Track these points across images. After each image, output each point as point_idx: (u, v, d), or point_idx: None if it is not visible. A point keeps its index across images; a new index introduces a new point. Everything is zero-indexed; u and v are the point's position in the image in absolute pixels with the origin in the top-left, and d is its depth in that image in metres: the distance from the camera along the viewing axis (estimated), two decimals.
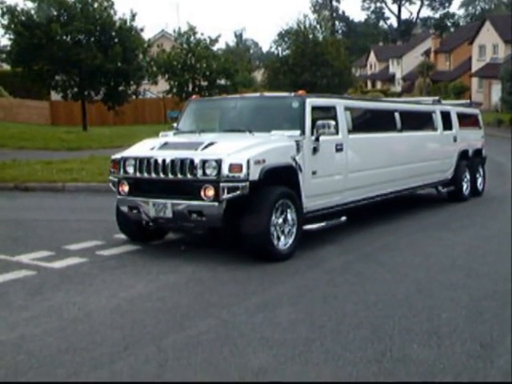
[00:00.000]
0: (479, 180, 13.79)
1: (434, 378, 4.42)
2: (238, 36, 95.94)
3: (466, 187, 13.13)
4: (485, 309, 5.93)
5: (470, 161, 13.43)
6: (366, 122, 10.43)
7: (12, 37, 29.84)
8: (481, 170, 13.90)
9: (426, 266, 7.63)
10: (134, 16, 31.61)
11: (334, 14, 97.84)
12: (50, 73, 31.04)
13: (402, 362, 4.69)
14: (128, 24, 31.36)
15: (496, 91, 46.71)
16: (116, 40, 30.80)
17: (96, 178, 14.59)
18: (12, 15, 29.40)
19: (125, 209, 8.46)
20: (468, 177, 13.23)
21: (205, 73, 37.70)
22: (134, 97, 33.97)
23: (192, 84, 37.84)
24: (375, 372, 4.52)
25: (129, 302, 6.24)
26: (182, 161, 7.78)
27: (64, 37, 30.34)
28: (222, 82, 38.18)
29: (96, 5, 30.80)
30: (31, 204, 12.72)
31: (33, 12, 30.00)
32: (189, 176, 7.73)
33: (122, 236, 9.05)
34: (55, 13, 30.08)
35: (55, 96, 39.28)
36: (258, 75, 66.77)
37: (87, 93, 31.89)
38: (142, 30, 32.34)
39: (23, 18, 29.46)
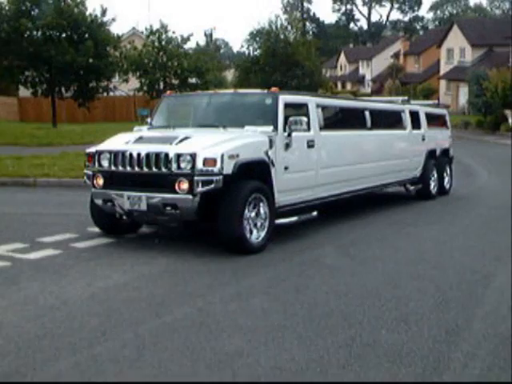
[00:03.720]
0: (446, 179, 14.10)
1: (401, 360, 4.61)
2: (208, 35, 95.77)
3: (433, 186, 13.42)
4: (450, 298, 6.16)
5: (438, 160, 13.73)
6: (337, 120, 10.66)
7: None
8: (448, 170, 14.21)
9: (394, 259, 7.86)
10: (104, 11, 31.55)
11: (305, 15, 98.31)
12: (19, 69, 30.77)
13: (371, 346, 4.88)
14: (99, 19, 31.27)
15: (463, 94, 47.53)
16: (87, 35, 30.67)
17: (68, 174, 14.60)
18: None
19: (99, 202, 8.54)
20: (436, 176, 13.52)
21: (176, 71, 37.73)
22: (104, 94, 33.83)
23: (163, 82, 37.84)
24: (346, 355, 4.70)
25: (105, 291, 6.34)
26: (157, 154, 7.89)
27: (34, 32, 30.11)
28: (193, 80, 38.23)
29: (69, 0, 30.63)
30: (3, 198, 12.69)
31: (5, 4, 29.73)
32: (163, 169, 7.84)
33: (96, 229, 9.12)
34: (26, 7, 29.84)
35: (24, 92, 38.94)
36: (229, 74, 66.87)
37: (57, 89, 31.67)
38: (113, 19, 32.25)
39: None
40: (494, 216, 11.14)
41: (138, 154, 8.03)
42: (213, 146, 7.85)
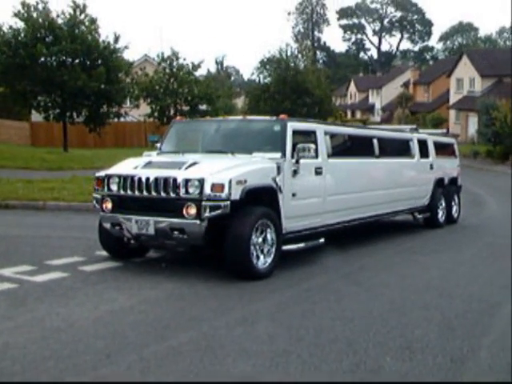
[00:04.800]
0: (454, 208, 14.09)
1: None
2: (219, 63, 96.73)
3: (441, 214, 13.43)
4: (456, 327, 6.14)
5: (446, 189, 13.75)
6: (345, 147, 10.71)
7: None
8: (456, 198, 14.21)
9: (401, 286, 7.85)
10: (117, 38, 31.95)
11: (316, 44, 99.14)
12: (32, 93, 31.11)
13: (375, 373, 4.88)
14: (112, 46, 31.66)
15: (473, 123, 47.61)
16: (99, 61, 31.04)
17: (77, 198, 14.68)
18: None
19: (107, 225, 8.60)
20: (444, 204, 13.53)
21: (186, 98, 38.03)
22: (115, 119, 34.07)
23: (174, 108, 38.13)
24: (350, 382, 4.69)
25: (111, 314, 6.37)
26: (166, 179, 7.96)
27: (48, 58, 30.47)
28: (204, 107, 38.50)
29: (82, 27, 31.08)
30: (12, 221, 12.76)
31: (21, 30, 30.16)
32: (171, 194, 7.91)
33: (104, 253, 9.16)
34: (41, 34, 30.25)
35: (36, 117, 39.30)
36: (239, 102, 67.34)
37: (69, 114, 31.97)
38: (126, 47, 32.61)
39: (9, 36, 29.60)
40: (502, 245, 11.11)
41: (147, 179, 8.10)
42: (221, 172, 7.91)
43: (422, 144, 13.03)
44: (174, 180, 7.90)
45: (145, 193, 8.12)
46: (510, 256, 9.65)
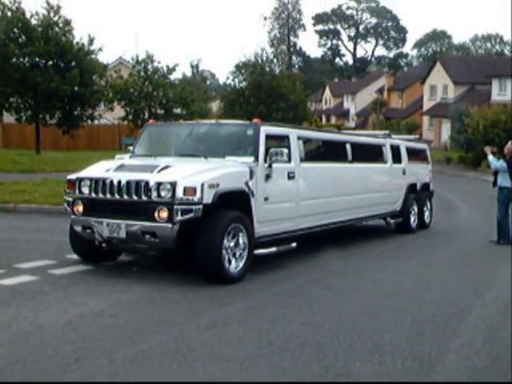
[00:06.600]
0: (426, 213, 14.22)
1: None
2: (195, 67, 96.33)
3: (413, 219, 13.53)
4: (425, 331, 6.19)
5: (418, 194, 13.86)
6: (318, 152, 10.76)
7: None
8: (428, 204, 14.33)
9: (371, 290, 7.89)
10: (91, 40, 31.77)
11: (291, 49, 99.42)
12: (4, 94, 30.77)
13: (345, 376, 4.90)
14: (86, 48, 31.47)
15: (446, 130, 48.12)
16: (73, 63, 30.82)
17: (49, 200, 14.55)
18: None
19: (78, 228, 8.52)
20: (416, 209, 13.63)
21: (161, 101, 37.87)
22: (89, 121, 33.84)
23: (148, 112, 37.93)
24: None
25: (80, 318, 6.31)
26: (138, 182, 7.91)
27: (21, 58, 30.18)
28: (179, 110, 38.37)
29: (57, 29, 30.83)
30: None
31: None
32: (143, 197, 7.86)
33: (75, 256, 9.08)
34: (14, 34, 29.94)
35: (8, 118, 38.84)
36: (214, 106, 67.21)
37: (42, 116, 31.67)
38: (100, 49, 32.45)
39: None
40: (473, 250, 11.25)
41: (119, 182, 8.04)
42: (193, 175, 7.89)
43: (395, 150, 13.13)
44: (146, 183, 7.86)
45: (116, 196, 8.07)
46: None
